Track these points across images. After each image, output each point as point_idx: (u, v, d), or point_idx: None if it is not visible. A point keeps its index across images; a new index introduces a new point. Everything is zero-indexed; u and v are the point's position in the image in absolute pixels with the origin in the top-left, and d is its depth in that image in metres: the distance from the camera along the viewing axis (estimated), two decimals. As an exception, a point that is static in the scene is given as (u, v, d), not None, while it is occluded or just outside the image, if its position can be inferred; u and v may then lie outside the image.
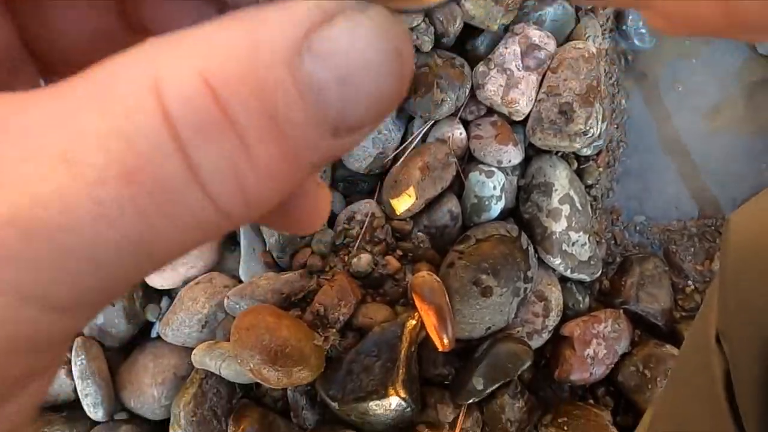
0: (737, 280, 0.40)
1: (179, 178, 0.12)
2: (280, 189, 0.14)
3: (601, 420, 0.89)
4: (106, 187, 0.12)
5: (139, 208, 0.12)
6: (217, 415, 0.88)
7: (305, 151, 0.13)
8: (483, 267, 0.88)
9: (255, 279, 0.88)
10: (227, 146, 0.12)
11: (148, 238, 0.13)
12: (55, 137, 0.12)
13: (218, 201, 0.13)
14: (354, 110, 0.13)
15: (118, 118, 0.12)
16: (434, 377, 0.91)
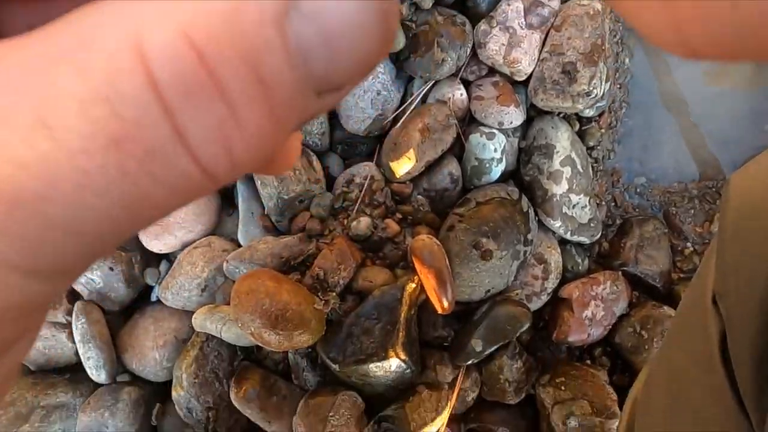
0: (736, 241, 0.39)
1: (167, 143, 0.12)
2: (265, 150, 0.13)
3: (597, 380, 0.90)
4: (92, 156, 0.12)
5: (127, 175, 0.12)
6: (218, 377, 0.89)
7: (291, 112, 0.13)
8: (483, 230, 0.87)
9: (254, 243, 0.88)
10: (214, 110, 0.12)
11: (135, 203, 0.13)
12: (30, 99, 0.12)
13: (206, 164, 0.13)
14: (339, 69, 0.13)
15: (99, 81, 0.11)
16: (433, 339, 0.92)
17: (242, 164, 0.13)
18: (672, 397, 0.47)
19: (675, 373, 0.47)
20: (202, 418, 0.87)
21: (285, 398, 0.87)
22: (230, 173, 0.13)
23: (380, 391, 0.87)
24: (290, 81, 0.13)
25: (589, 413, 0.86)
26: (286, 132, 0.14)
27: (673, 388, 0.47)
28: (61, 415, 0.88)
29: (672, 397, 0.47)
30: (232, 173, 0.13)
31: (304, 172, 0.90)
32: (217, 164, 0.13)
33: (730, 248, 0.39)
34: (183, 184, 0.13)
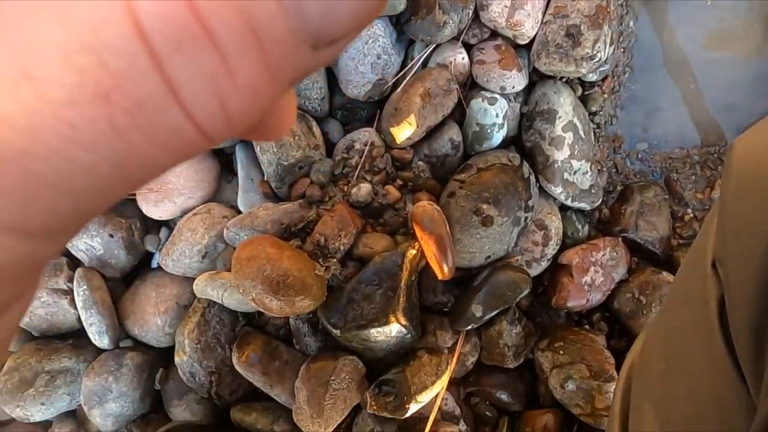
0: (737, 205, 0.39)
1: (158, 96, 0.12)
2: (260, 105, 0.13)
3: (596, 344, 0.91)
4: (79, 109, 0.11)
5: (117, 130, 0.12)
6: (220, 342, 0.89)
7: (286, 66, 0.13)
8: (484, 196, 0.87)
9: (254, 209, 0.88)
10: (207, 62, 0.12)
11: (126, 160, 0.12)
12: (11, 51, 0.11)
13: (199, 119, 0.12)
14: (335, 23, 0.13)
15: (84, 30, 0.11)
16: (434, 305, 0.92)
17: (237, 120, 0.13)
18: (668, 361, 0.47)
19: (672, 338, 0.47)
20: (204, 383, 0.88)
21: (287, 363, 0.88)
22: (225, 130, 0.13)
23: (381, 355, 0.87)
24: (285, 33, 0.12)
25: (587, 377, 0.87)
26: (281, 87, 0.13)
27: (669, 352, 0.47)
28: (65, 380, 0.89)
29: (668, 362, 0.47)
30: (227, 130, 0.13)
31: (304, 138, 0.89)
32: (211, 120, 0.12)
33: (731, 213, 0.39)
34: (176, 141, 0.12)
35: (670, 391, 0.46)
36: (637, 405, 0.51)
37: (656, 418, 0.47)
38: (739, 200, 0.39)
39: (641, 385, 0.52)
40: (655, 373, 0.49)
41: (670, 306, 0.51)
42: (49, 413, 0.90)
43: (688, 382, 0.44)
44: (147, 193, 0.90)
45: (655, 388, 0.48)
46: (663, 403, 0.47)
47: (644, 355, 0.53)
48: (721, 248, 0.40)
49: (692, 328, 0.44)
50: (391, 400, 0.84)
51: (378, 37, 0.88)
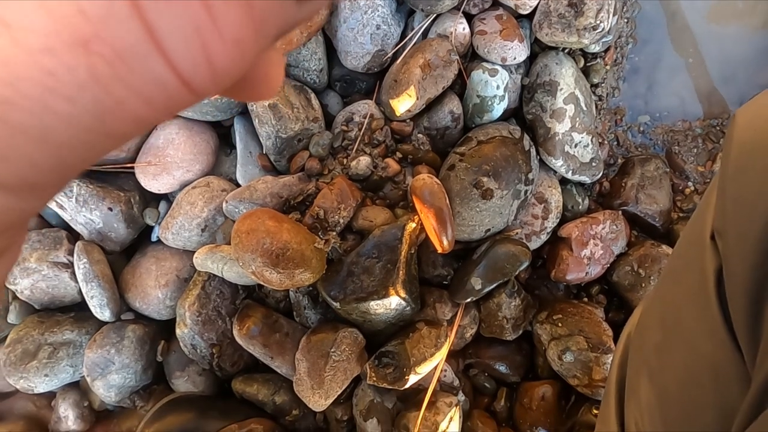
0: (738, 177, 0.39)
1: (140, 45, 0.11)
2: (245, 58, 0.13)
3: (594, 317, 0.91)
4: (57, 56, 0.11)
5: (98, 80, 0.11)
6: (221, 314, 0.90)
7: (271, 18, 0.13)
8: (484, 169, 0.87)
9: (253, 182, 0.87)
10: (191, 10, 0.11)
11: (109, 113, 0.12)
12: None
13: (183, 71, 0.12)
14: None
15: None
16: (433, 278, 0.92)
17: (222, 72, 0.13)
18: (665, 332, 0.47)
19: (669, 309, 0.48)
20: (206, 354, 0.89)
21: (287, 335, 0.89)
22: (209, 83, 0.13)
23: (380, 328, 0.88)
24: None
25: (584, 348, 0.88)
26: (266, 40, 0.13)
27: (667, 323, 0.48)
28: (68, 352, 0.90)
29: (665, 332, 0.47)
30: (212, 83, 0.13)
31: (303, 111, 0.89)
32: (195, 72, 0.12)
33: (732, 183, 0.39)
34: (159, 94, 0.12)
35: (666, 361, 0.46)
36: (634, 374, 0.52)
37: (652, 387, 0.47)
38: (740, 171, 0.39)
39: (638, 355, 0.52)
40: (651, 343, 0.49)
41: (668, 277, 0.51)
42: (53, 384, 0.91)
43: (684, 352, 0.44)
44: (145, 166, 0.89)
45: (651, 357, 0.49)
46: (659, 372, 0.47)
47: (641, 325, 0.53)
48: (720, 220, 0.40)
49: (689, 298, 0.44)
50: (391, 372, 0.85)
51: (377, 7, 0.87)
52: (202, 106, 0.88)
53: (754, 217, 0.37)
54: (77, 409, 0.94)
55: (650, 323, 0.51)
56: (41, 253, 0.89)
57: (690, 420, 0.43)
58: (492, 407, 0.97)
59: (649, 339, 0.50)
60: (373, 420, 0.86)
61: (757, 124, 0.39)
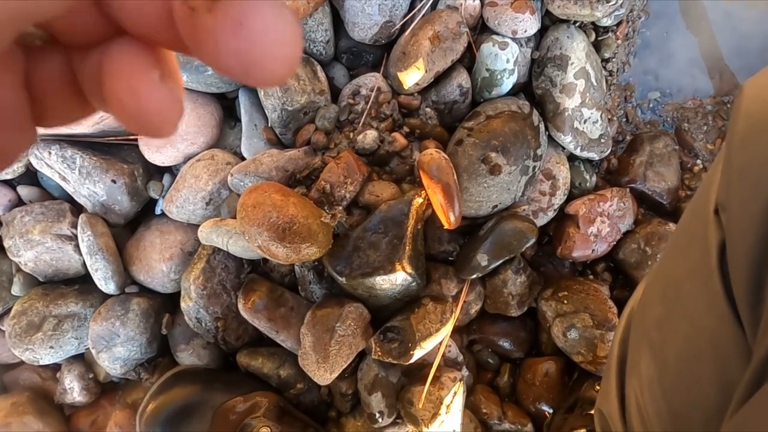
0: (744, 148, 0.39)
1: None
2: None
3: (599, 294, 0.92)
4: None
5: None
6: (226, 288, 0.90)
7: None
8: (492, 144, 0.86)
9: (258, 156, 0.87)
10: None
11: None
12: None
13: None
14: None
15: None
16: (439, 254, 0.92)
17: None
18: (667, 306, 0.48)
19: (671, 283, 0.48)
20: (211, 328, 0.90)
21: (292, 309, 0.89)
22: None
23: (386, 303, 0.88)
24: None
25: (590, 325, 0.89)
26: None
27: (668, 297, 0.48)
28: (72, 324, 0.91)
29: (667, 307, 0.48)
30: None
31: (309, 83, 0.87)
32: None
33: (738, 155, 0.39)
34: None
35: (667, 334, 0.47)
36: (635, 349, 0.52)
37: (653, 360, 0.48)
38: (746, 143, 0.38)
39: (640, 329, 0.52)
40: (653, 317, 0.49)
41: (672, 252, 0.51)
42: (58, 356, 0.91)
43: (685, 325, 0.44)
44: (149, 139, 0.89)
45: (652, 331, 0.49)
46: (660, 345, 0.47)
47: (644, 300, 0.53)
48: (725, 193, 0.40)
49: (692, 272, 0.44)
50: (396, 347, 0.86)
51: (386, -24, 0.85)
52: (206, 77, 0.86)
53: (758, 190, 0.37)
54: (82, 381, 0.95)
55: (652, 297, 0.51)
56: (44, 225, 0.89)
57: (690, 393, 0.43)
58: (495, 383, 0.98)
59: (651, 313, 0.50)
60: (377, 394, 0.87)
61: (765, 95, 0.39)
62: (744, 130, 0.39)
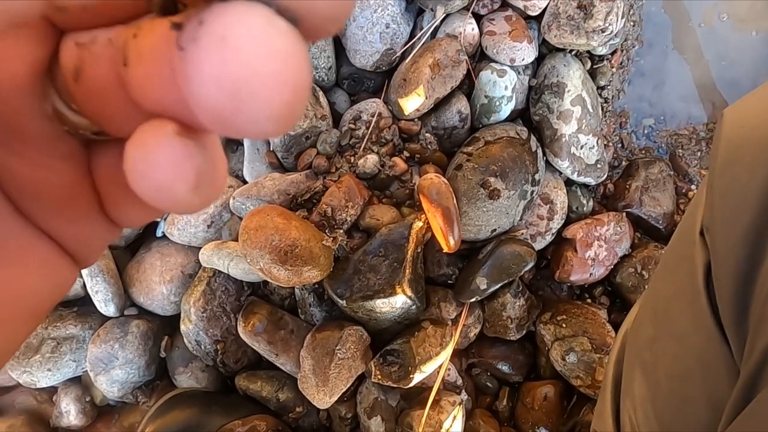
0: (725, 172, 0.40)
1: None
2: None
3: (597, 318, 0.93)
4: None
5: None
6: (226, 311, 0.91)
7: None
8: (491, 169, 0.88)
9: (260, 179, 0.88)
10: None
11: None
12: None
13: None
14: None
15: None
16: (438, 277, 0.94)
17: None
18: (657, 326, 0.49)
19: (661, 303, 0.49)
20: (210, 351, 0.90)
21: (292, 332, 0.89)
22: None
23: (386, 326, 0.89)
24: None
25: (588, 349, 0.89)
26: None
27: (658, 317, 0.49)
28: (71, 347, 0.91)
29: (657, 327, 0.49)
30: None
31: (311, 108, 0.89)
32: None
33: (719, 179, 0.40)
34: None
35: (658, 354, 0.48)
36: (629, 369, 0.53)
37: (645, 380, 0.49)
38: (727, 167, 0.40)
39: (632, 350, 0.53)
40: (645, 338, 0.51)
41: (661, 273, 0.52)
42: (55, 379, 0.91)
43: (674, 345, 0.46)
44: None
45: (644, 352, 0.50)
46: (651, 365, 0.48)
47: (637, 321, 0.55)
48: (709, 215, 0.41)
49: (680, 293, 0.45)
50: (396, 370, 0.86)
51: (387, 5, 0.88)
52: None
53: (739, 211, 0.38)
54: (79, 404, 0.94)
55: (644, 318, 0.52)
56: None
57: (681, 412, 0.44)
58: (494, 407, 0.98)
59: (643, 333, 0.51)
60: (377, 418, 0.87)
61: (744, 121, 0.41)
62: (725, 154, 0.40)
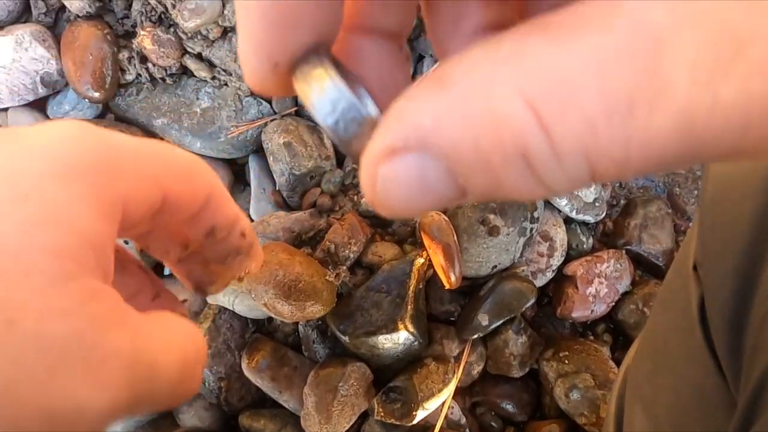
0: (714, 207, 0.42)
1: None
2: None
3: (600, 354, 0.93)
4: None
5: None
6: (230, 348, 0.92)
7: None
8: (491, 207, 0.90)
9: (265, 217, 0.91)
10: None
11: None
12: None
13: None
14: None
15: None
16: (441, 314, 0.95)
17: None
18: (655, 360, 0.50)
19: (658, 338, 0.50)
20: (214, 388, 0.91)
21: (295, 369, 0.90)
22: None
23: (388, 363, 0.90)
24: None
25: (591, 386, 0.90)
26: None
27: (656, 351, 0.50)
28: (76, 384, 0.91)
29: (655, 361, 0.50)
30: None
31: (315, 149, 0.93)
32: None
33: (708, 215, 0.42)
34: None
35: (657, 388, 0.49)
36: (629, 405, 0.54)
37: (645, 415, 0.49)
38: (715, 203, 0.42)
39: (632, 385, 0.54)
40: (644, 373, 0.52)
41: (658, 308, 0.54)
42: (60, 417, 0.92)
43: (672, 378, 0.46)
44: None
45: (644, 386, 0.51)
46: (651, 400, 0.49)
47: (636, 357, 0.56)
48: (700, 250, 0.43)
49: (676, 327, 0.47)
50: (399, 407, 0.87)
51: (388, 52, 0.92)
52: (219, 143, 0.92)
53: (729, 245, 0.40)
54: (82, 444, 0.94)
55: (643, 353, 0.54)
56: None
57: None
58: (499, 447, 0.97)
59: (642, 368, 0.52)
60: (380, 456, 0.87)
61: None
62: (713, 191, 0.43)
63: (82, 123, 0.22)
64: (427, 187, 0.14)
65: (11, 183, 0.19)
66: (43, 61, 0.92)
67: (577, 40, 0.12)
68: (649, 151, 0.12)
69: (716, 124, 0.11)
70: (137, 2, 0.92)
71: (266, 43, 0.17)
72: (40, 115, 0.97)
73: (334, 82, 0.16)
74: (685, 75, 0.11)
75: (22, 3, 0.94)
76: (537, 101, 0.12)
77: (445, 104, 0.13)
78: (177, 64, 0.93)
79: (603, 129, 0.12)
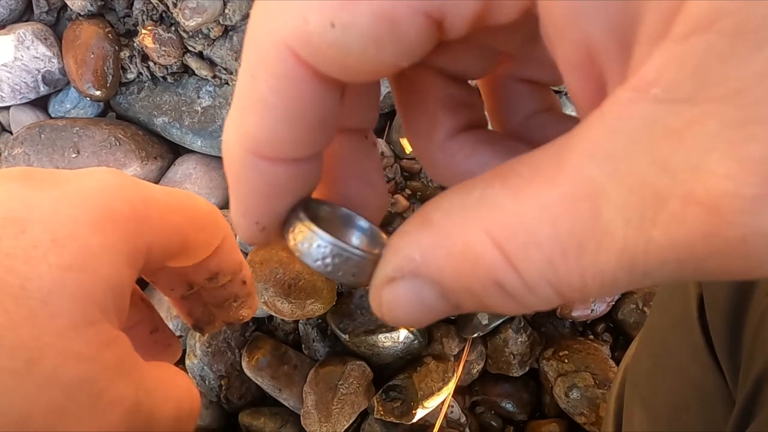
0: None
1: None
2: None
3: (600, 354, 0.94)
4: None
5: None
6: (231, 346, 0.92)
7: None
8: (491, 206, 0.91)
9: (266, 216, 0.91)
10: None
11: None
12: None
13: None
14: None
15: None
16: (441, 312, 0.95)
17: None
18: (655, 359, 0.50)
19: (658, 336, 0.51)
20: (214, 386, 0.91)
21: (295, 367, 0.91)
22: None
23: (388, 361, 0.90)
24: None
25: (591, 385, 0.90)
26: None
27: (656, 350, 0.51)
28: (77, 382, 0.92)
29: (654, 359, 0.50)
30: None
31: (316, 148, 0.93)
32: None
33: None
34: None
35: (656, 386, 0.49)
36: (629, 404, 0.54)
37: (645, 413, 0.50)
38: None
39: (632, 384, 0.55)
40: (643, 372, 0.52)
41: (657, 307, 0.54)
42: (61, 415, 0.92)
43: (671, 376, 0.47)
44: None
45: (643, 385, 0.51)
46: (650, 398, 0.50)
47: (635, 356, 0.56)
48: None
49: (675, 325, 0.47)
50: (398, 406, 0.87)
51: (389, 51, 0.93)
52: (220, 142, 0.92)
53: None
54: (83, 441, 0.95)
55: (642, 352, 0.54)
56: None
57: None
58: (499, 446, 0.98)
59: (642, 367, 0.53)
60: (379, 455, 0.87)
61: None
62: None
63: (116, 171, 0.25)
64: (425, 306, 0.17)
65: (50, 227, 0.21)
66: (45, 59, 0.93)
67: (532, 192, 0.14)
68: (603, 280, 0.14)
69: (653, 260, 0.13)
70: (138, 1, 0.92)
71: (252, 210, 0.19)
72: (42, 114, 0.98)
73: (317, 235, 0.19)
74: (621, 222, 0.13)
75: (24, 1, 0.95)
76: (503, 243, 0.14)
77: (430, 242, 0.16)
78: (178, 62, 0.94)
79: (560, 264, 0.14)
